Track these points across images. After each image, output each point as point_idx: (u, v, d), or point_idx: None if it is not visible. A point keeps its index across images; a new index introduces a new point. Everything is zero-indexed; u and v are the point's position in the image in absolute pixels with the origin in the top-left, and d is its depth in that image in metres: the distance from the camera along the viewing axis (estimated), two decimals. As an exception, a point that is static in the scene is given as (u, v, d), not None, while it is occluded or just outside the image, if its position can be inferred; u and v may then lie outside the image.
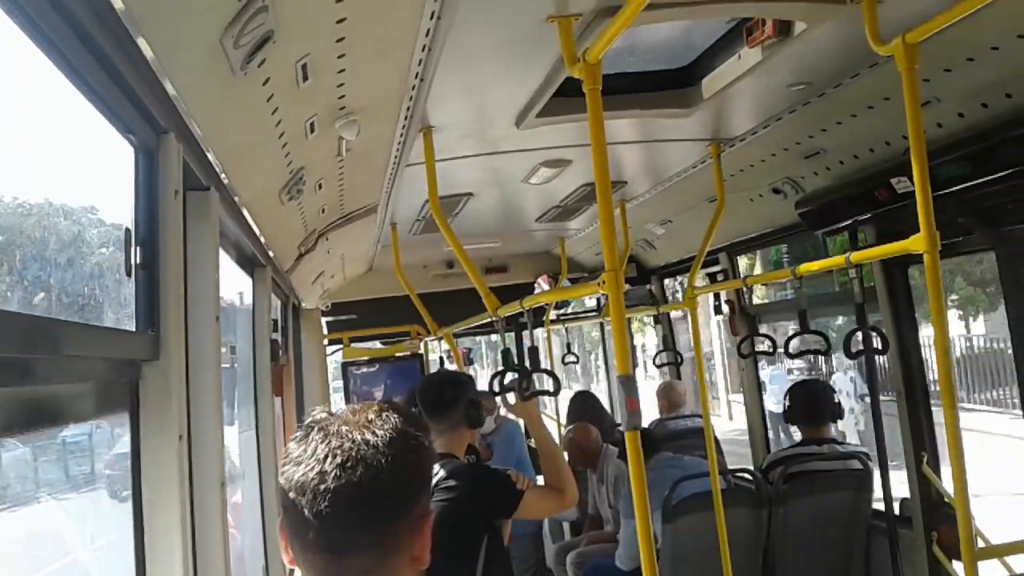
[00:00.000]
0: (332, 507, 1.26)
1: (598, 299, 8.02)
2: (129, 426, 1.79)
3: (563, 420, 7.26)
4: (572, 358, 8.35)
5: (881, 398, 4.42)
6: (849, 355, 3.36)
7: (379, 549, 1.32)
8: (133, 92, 1.58)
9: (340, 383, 7.80)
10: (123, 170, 1.75)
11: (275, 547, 3.88)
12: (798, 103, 3.44)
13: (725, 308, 5.63)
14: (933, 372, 3.33)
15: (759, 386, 5.81)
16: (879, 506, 4.42)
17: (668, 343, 6.95)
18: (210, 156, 2.19)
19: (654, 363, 7.30)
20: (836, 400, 4.82)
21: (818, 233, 4.40)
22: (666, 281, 7.25)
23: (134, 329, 1.78)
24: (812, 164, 3.98)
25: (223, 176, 2.41)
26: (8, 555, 2.35)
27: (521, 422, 5.01)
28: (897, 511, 4.31)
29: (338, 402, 7.77)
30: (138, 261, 1.76)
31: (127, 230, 1.74)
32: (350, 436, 1.32)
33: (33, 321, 1.21)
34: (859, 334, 3.43)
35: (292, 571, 4.12)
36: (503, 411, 4.35)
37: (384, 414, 1.36)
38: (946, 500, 3.96)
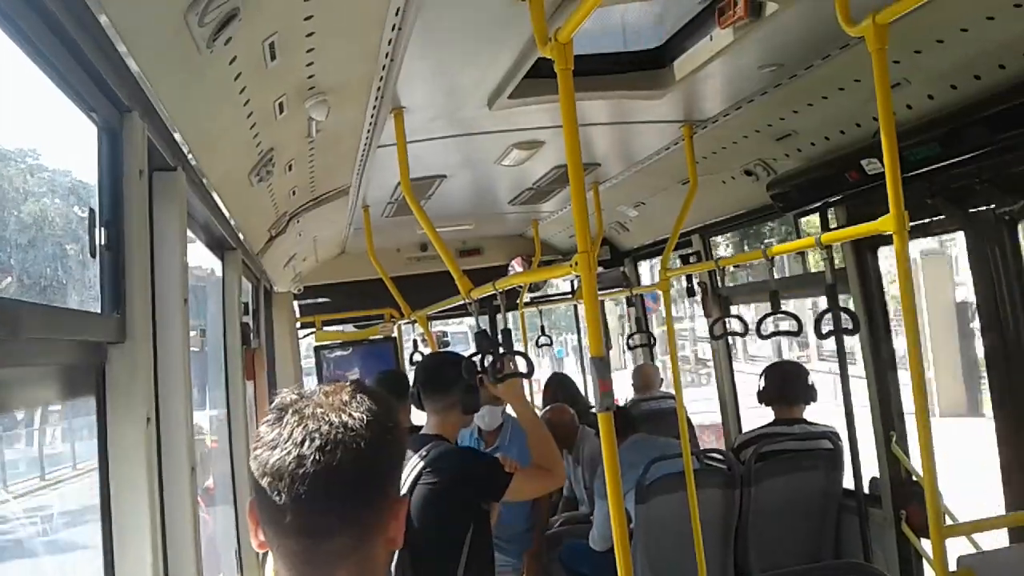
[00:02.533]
0: (310, 491, 1.25)
1: (572, 282, 8.05)
2: (96, 410, 1.76)
3: (538, 403, 7.28)
4: (545, 340, 8.36)
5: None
6: (820, 335, 3.39)
7: (356, 532, 1.31)
8: (95, 69, 1.54)
9: (313, 367, 7.76)
10: (87, 150, 1.71)
11: (247, 531, 3.86)
12: (769, 85, 3.44)
13: (697, 290, 5.66)
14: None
15: (731, 367, 5.85)
16: (850, 485, 4.49)
17: (641, 324, 6.98)
18: (176, 136, 2.15)
19: (627, 345, 7.33)
20: (810, 382, 4.86)
21: (789, 215, 4.43)
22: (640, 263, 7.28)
23: (99, 311, 1.75)
24: (784, 146, 3.99)
25: (190, 156, 2.37)
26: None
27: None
28: (867, 490, 4.37)
29: (311, 386, 7.73)
30: (103, 242, 1.73)
31: (91, 211, 1.71)
32: (327, 419, 1.30)
33: (-8, 302, 1.18)
34: (830, 314, 3.46)
35: (264, 555, 4.11)
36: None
37: (358, 396, 1.35)
38: (914, 479, 4.01)
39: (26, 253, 1.86)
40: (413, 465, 3.20)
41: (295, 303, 7.02)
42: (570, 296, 8.24)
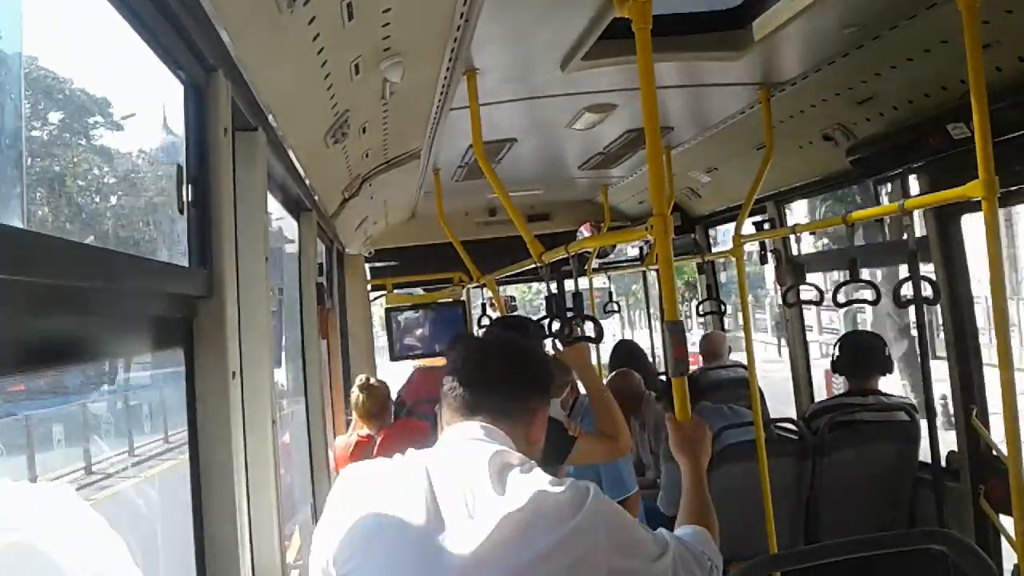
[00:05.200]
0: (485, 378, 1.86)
1: (640, 248, 7.98)
2: (184, 362, 1.82)
3: (605, 369, 7.28)
4: (613, 307, 8.33)
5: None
6: (899, 304, 3.30)
7: (507, 415, 1.84)
8: (183, 27, 1.58)
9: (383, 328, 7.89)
10: (176, 108, 1.76)
11: (323, 488, 3.96)
12: (852, 46, 3.34)
13: (771, 257, 5.56)
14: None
15: (805, 336, 5.76)
16: (926, 458, 4.40)
17: (712, 292, 6.89)
18: (257, 96, 2.19)
19: (698, 312, 7.26)
20: (887, 353, 4.74)
21: (869, 181, 4.32)
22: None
23: (187, 266, 1.80)
24: (865, 109, 3.88)
25: (270, 117, 2.41)
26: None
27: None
28: (944, 464, 4.27)
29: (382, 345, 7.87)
30: (190, 199, 1.78)
31: (179, 167, 1.76)
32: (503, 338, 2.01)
33: (94, 251, 1.23)
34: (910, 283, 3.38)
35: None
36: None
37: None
38: (995, 454, 3.91)
39: (121, 207, 1.93)
40: None
41: (366, 265, 7.12)
42: (638, 263, 8.18)
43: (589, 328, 3.74)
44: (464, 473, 1.70)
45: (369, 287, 7.30)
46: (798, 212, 16.29)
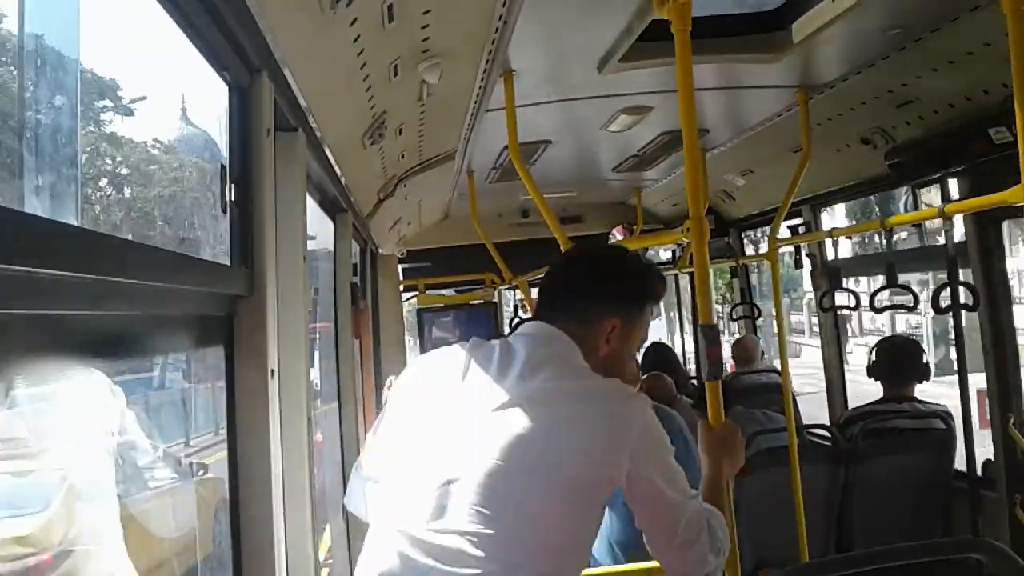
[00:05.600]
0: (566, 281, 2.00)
1: (672, 251, 7.94)
2: (224, 360, 1.85)
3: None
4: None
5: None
6: (938, 310, 3.26)
7: (576, 319, 1.90)
8: (228, 29, 1.60)
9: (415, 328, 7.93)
10: (219, 108, 1.78)
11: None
12: (893, 48, 3.30)
13: (806, 261, 5.50)
14: None
15: (839, 341, 5.70)
16: (961, 466, 4.34)
17: (744, 296, 6.84)
18: (299, 97, 2.21)
19: (730, 316, 7.21)
20: (924, 359, 4.68)
21: (907, 185, 4.27)
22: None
23: (229, 265, 1.83)
24: (905, 113, 3.83)
25: (310, 118, 2.43)
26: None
27: None
28: (979, 473, 4.21)
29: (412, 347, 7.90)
30: (232, 198, 1.80)
31: (222, 167, 1.78)
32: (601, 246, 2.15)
33: (142, 250, 1.25)
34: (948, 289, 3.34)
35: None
36: None
37: None
38: (1033, 462, 3.85)
39: (167, 206, 1.96)
40: None
41: (399, 266, 7.15)
42: (671, 265, 8.14)
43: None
44: (499, 358, 1.84)
45: (401, 287, 7.33)
46: (831, 216, 16.13)
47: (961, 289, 3.77)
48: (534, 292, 7.71)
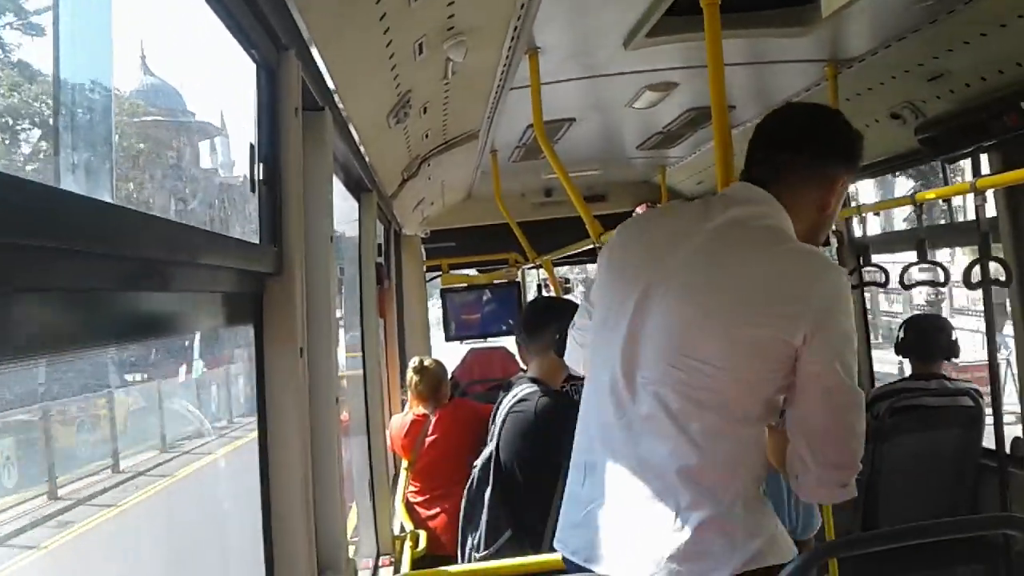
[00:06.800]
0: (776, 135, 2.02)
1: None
2: (254, 338, 1.86)
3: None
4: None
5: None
6: (969, 286, 3.22)
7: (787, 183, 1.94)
8: (258, 6, 1.60)
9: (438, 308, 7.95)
10: (247, 88, 1.78)
11: (380, 465, 4.02)
12: (924, 21, 3.24)
13: (833, 239, 5.44)
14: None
15: (866, 320, 5.65)
16: (989, 445, 4.30)
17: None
18: (325, 76, 2.21)
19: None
20: (953, 337, 4.63)
21: (938, 160, 4.21)
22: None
23: (257, 243, 1.83)
24: (935, 87, 3.77)
25: (336, 97, 2.43)
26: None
27: None
28: (1008, 451, 4.17)
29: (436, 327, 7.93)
30: (261, 177, 1.81)
31: (251, 146, 1.78)
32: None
33: (175, 228, 1.26)
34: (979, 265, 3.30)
35: (393, 485, 4.27)
36: None
37: None
38: (1063, 440, 3.81)
39: (197, 184, 1.96)
40: (507, 402, 3.29)
41: (422, 246, 7.16)
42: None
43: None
44: (692, 216, 1.96)
45: (425, 267, 7.35)
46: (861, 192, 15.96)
47: (992, 264, 3.72)
48: (558, 271, 7.71)
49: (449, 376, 4.83)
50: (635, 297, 1.90)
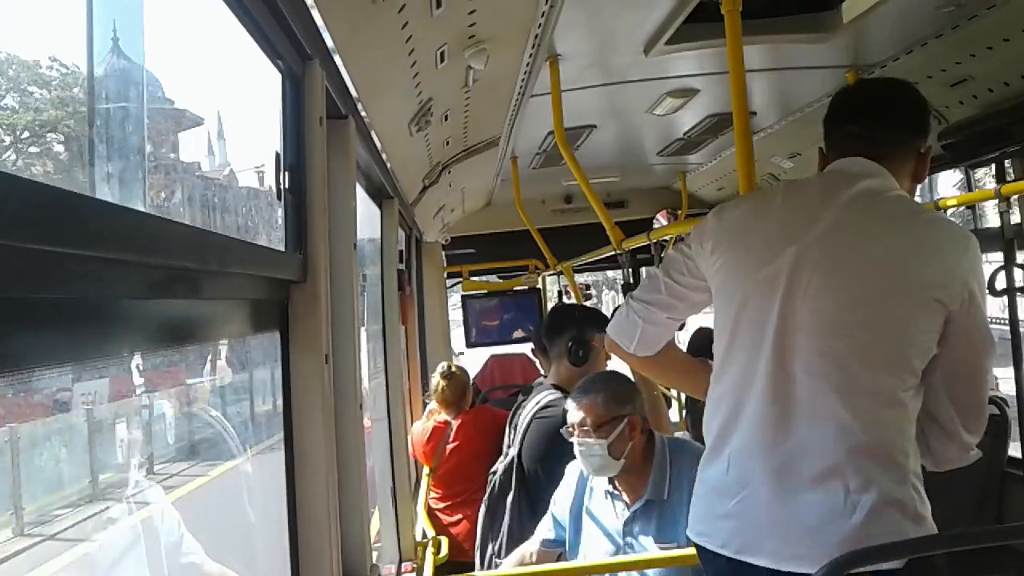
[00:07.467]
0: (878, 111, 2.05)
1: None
2: (280, 345, 1.87)
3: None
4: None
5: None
6: (993, 292, 3.19)
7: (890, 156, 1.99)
8: (283, 17, 1.62)
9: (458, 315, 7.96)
10: (272, 96, 1.80)
11: (403, 471, 4.03)
12: (946, 26, 3.22)
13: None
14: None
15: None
16: (1016, 453, 4.25)
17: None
18: (348, 85, 2.23)
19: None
20: None
21: (961, 166, 4.18)
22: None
23: (283, 251, 1.85)
24: (958, 92, 3.74)
25: (359, 105, 2.45)
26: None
27: None
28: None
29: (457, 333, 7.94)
30: (286, 186, 1.83)
31: (277, 155, 1.80)
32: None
33: (205, 236, 1.27)
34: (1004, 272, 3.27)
35: (415, 491, 4.26)
36: None
37: None
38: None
39: (226, 192, 1.99)
40: (530, 408, 3.30)
41: (442, 253, 7.19)
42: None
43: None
44: (818, 191, 1.99)
45: (446, 274, 7.37)
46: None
47: (1017, 272, 3.69)
48: (578, 278, 7.70)
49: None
50: (782, 276, 1.91)
